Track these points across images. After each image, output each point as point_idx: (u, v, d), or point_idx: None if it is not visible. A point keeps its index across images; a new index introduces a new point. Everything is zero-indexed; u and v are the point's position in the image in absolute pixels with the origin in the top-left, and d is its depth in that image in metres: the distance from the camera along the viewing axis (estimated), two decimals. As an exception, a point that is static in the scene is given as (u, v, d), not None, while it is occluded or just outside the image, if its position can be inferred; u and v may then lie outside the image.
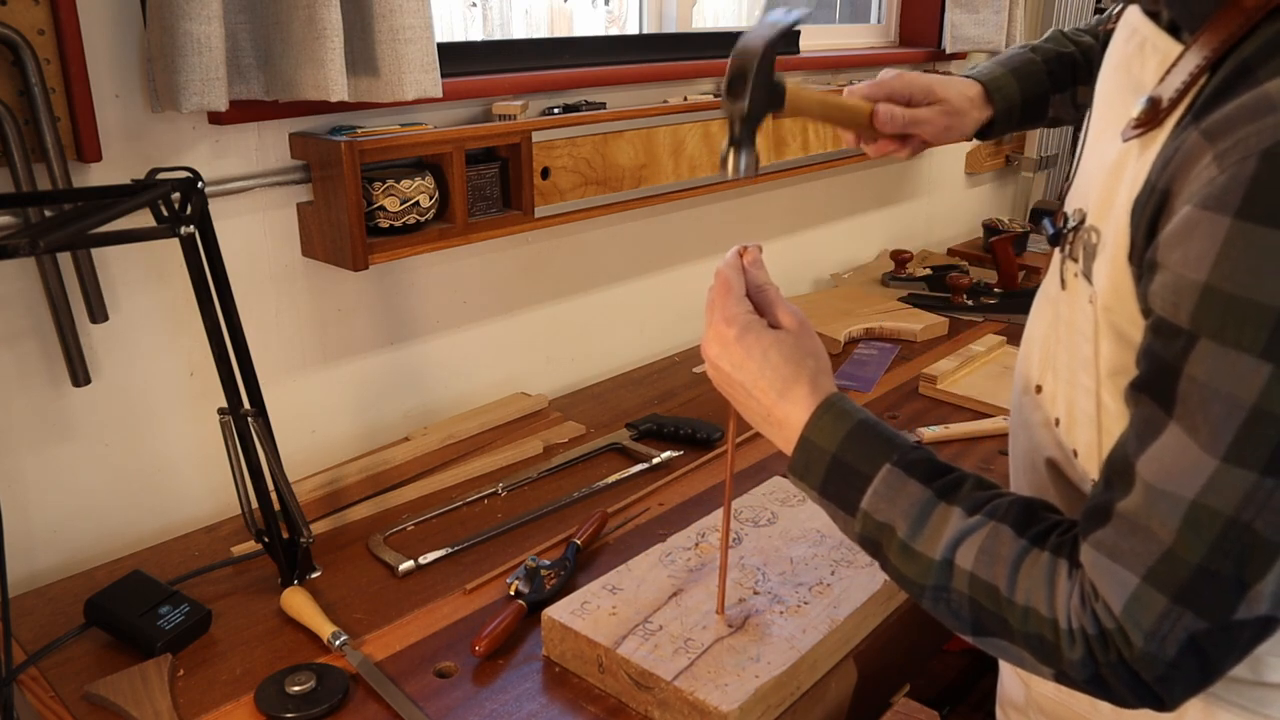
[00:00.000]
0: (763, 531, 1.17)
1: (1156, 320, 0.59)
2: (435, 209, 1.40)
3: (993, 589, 0.65)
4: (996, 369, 1.78)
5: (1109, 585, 0.60)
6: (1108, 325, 0.67)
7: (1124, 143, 0.64)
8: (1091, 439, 0.73)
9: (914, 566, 0.69)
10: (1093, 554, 0.61)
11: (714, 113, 1.75)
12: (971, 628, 0.67)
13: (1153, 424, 0.59)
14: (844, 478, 0.73)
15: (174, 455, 1.32)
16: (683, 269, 1.99)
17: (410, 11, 1.22)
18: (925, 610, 0.70)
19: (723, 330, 0.78)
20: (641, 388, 1.77)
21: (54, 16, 1.07)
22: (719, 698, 0.89)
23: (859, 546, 0.74)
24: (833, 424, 0.74)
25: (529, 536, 1.27)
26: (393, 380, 1.54)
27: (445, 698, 0.97)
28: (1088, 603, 0.61)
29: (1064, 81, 1.02)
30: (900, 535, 0.69)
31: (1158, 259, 0.58)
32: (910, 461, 0.71)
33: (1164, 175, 0.59)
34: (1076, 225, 0.71)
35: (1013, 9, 2.46)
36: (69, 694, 0.98)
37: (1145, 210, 0.60)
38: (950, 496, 0.69)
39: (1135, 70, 0.67)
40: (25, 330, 1.16)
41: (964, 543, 0.67)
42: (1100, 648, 0.60)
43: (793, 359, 0.77)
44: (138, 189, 0.94)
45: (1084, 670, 0.62)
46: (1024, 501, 0.68)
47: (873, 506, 0.71)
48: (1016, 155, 2.96)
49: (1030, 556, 0.64)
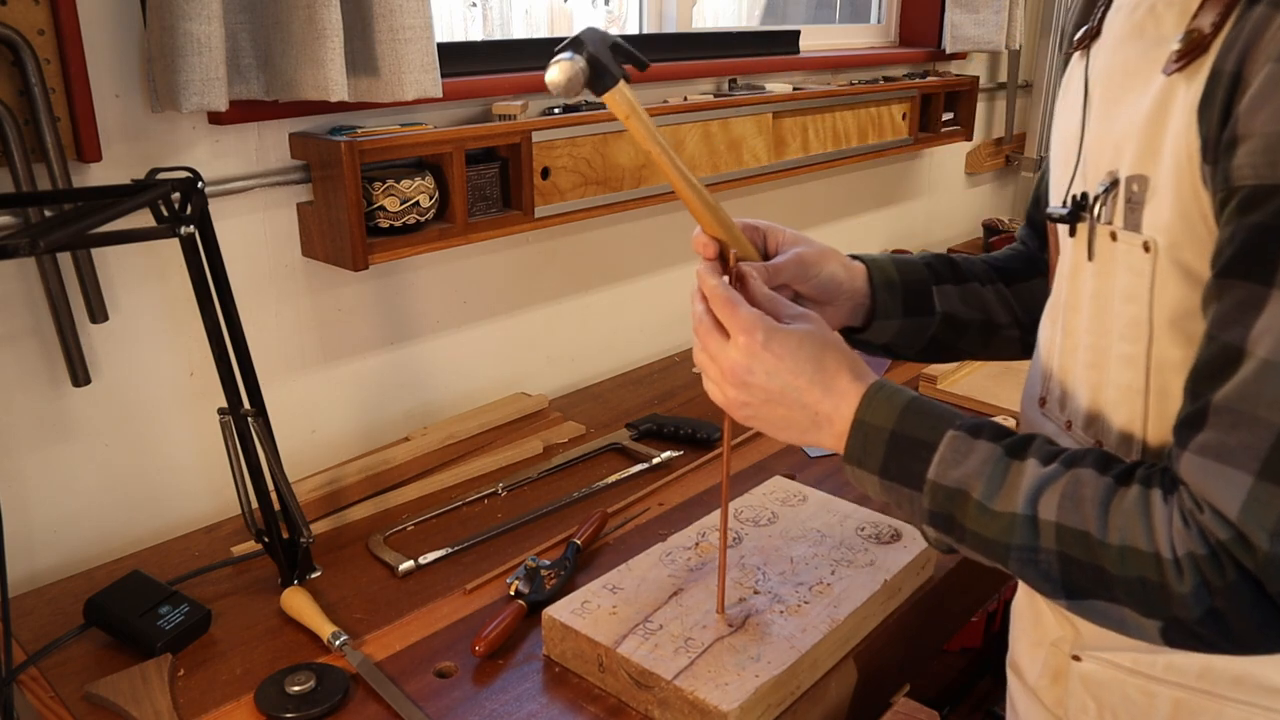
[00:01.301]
0: (763, 531, 1.17)
1: (1246, 194, 0.57)
2: (435, 209, 1.40)
3: (1083, 535, 0.62)
4: (997, 369, 1.78)
5: (1220, 490, 0.56)
6: (1172, 265, 0.65)
7: (1168, 77, 0.63)
8: (1133, 412, 0.70)
9: (995, 527, 0.66)
10: (1196, 461, 0.58)
11: (714, 113, 1.75)
12: (1064, 589, 0.64)
13: (1253, 301, 0.56)
14: (906, 450, 0.70)
15: (174, 455, 1.32)
16: (683, 269, 1.99)
17: (410, 11, 1.22)
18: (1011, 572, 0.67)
19: (745, 341, 0.74)
20: (641, 388, 1.77)
21: (54, 16, 1.07)
22: (719, 697, 0.89)
23: (929, 526, 0.71)
24: (887, 402, 0.72)
25: (529, 536, 1.27)
26: (393, 380, 1.54)
27: (445, 698, 0.97)
28: (1191, 521, 0.58)
29: (944, 275, 0.95)
30: (975, 496, 0.66)
31: (1238, 133, 0.57)
32: (974, 425, 0.69)
33: (1230, 58, 0.58)
34: (1107, 188, 0.69)
35: (1013, 9, 2.47)
36: (69, 694, 0.98)
37: (1215, 100, 0.59)
38: (1022, 452, 0.67)
39: (1150, 30, 0.67)
40: (25, 330, 1.16)
41: (1045, 492, 0.64)
42: (1213, 569, 0.57)
43: (825, 349, 0.75)
44: (138, 189, 0.94)
45: (1197, 605, 0.58)
46: (1099, 449, 0.66)
47: (940, 474, 0.68)
48: (1016, 155, 2.96)
49: (1119, 493, 0.62)
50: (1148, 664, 0.75)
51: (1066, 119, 0.79)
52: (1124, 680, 0.77)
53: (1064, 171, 0.78)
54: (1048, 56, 2.82)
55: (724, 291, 0.77)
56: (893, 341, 0.94)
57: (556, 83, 0.78)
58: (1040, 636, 0.84)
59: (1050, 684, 0.83)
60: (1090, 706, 0.80)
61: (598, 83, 0.80)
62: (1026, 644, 0.87)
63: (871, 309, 0.92)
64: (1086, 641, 0.79)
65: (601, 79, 0.80)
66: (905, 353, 0.96)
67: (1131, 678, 0.76)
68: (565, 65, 0.78)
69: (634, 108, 0.83)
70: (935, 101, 2.35)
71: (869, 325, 0.92)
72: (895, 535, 1.16)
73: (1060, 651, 0.82)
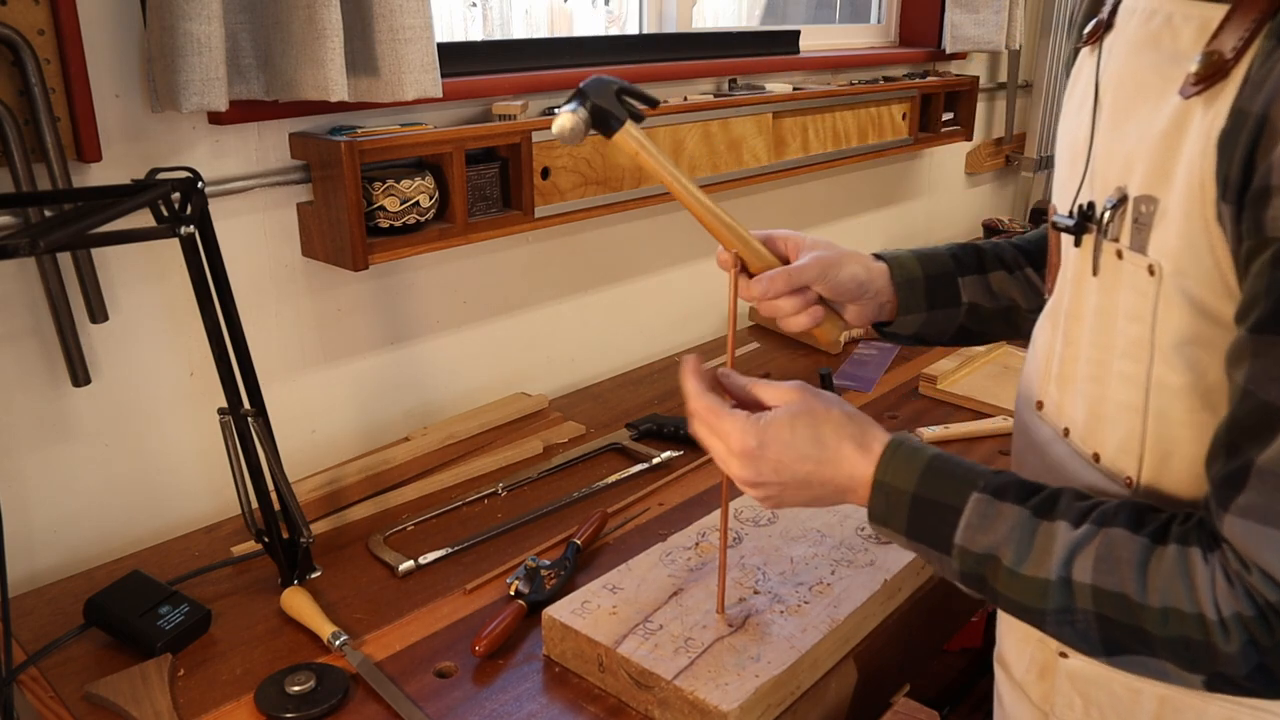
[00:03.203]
0: (763, 531, 1.17)
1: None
2: (435, 209, 1.40)
3: (1121, 598, 0.61)
4: (996, 369, 1.78)
5: (1268, 550, 0.56)
6: (1177, 292, 0.64)
7: (1185, 100, 0.62)
8: (1131, 430, 0.70)
9: (1029, 593, 0.65)
10: (1240, 524, 0.58)
11: (714, 113, 1.75)
12: (1103, 648, 0.64)
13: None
14: (931, 514, 0.70)
15: (174, 455, 1.32)
16: (683, 269, 1.99)
17: (410, 11, 1.22)
18: (1047, 633, 0.67)
19: (740, 449, 0.77)
20: (641, 388, 1.77)
21: (54, 16, 1.07)
22: (719, 697, 0.89)
23: (962, 586, 0.71)
24: (905, 463, 0.72)
25: (529, 536, 1.27)
26: (393, 380, 1.54)
27: (445, 698, 0.97)
28: (1237, 582, 0.58)
29: (969, 266, 0.97)
30: (1006, 563, 0.66)
31: (1272, 183, 0.56)
32: (999, 485, 0.69)
33: (1258, 100, 0.57)
34: (1116, 204, 0.68)
35: (1013, 9, 2.47)
36: (69, 694, 0.98)
37: (1238, 141, 0.58)
38: (1049, 513, 0.66)
39: (1167, 43, 0.66)
40: (25, 330, 1.16)
41: (1079, 555, 0.63)
42: (1262, 628, 0.57)
43: (818, 424, 0.76)
44: (138, 189, 0.94)
45: (1245, 663, 0.58)
46: (1132, 503, 0.65)
47: (968, 540, 0.68)
48: (1016, 155, 2.96)
49: (1156, 554, 0.61)
50: None
51: (1075, 119, 0.78)
52: (1110, 677, 0.77)
53: (1071, 174, 0.77)
54: (1048, 56, 2.82)
55: (704, 402, 0.80)
56: (920, 332, 0.97)
57: (561, 133, 0.85)
58: (1027, 632, 0.84)
59: (1037, 680, 0.84)
60: (1076, 702, 0.80)
61: (604, 128, 0.87)
62: (1014, 639, 0.88)
63: (896, 305, 0.94)
64: None
65: (606, 124, 0.86)
66: (935, 341, 0.99)
67: (1117, 675, 0.76)
68: (568, 116, 0.84)
69: (642, 144, 0.88)
70: (935, 101, 2.35)
71: (894, 319, 0.95)
72: (895, 535, 1.16)
73: (1047, 648, 0.82)
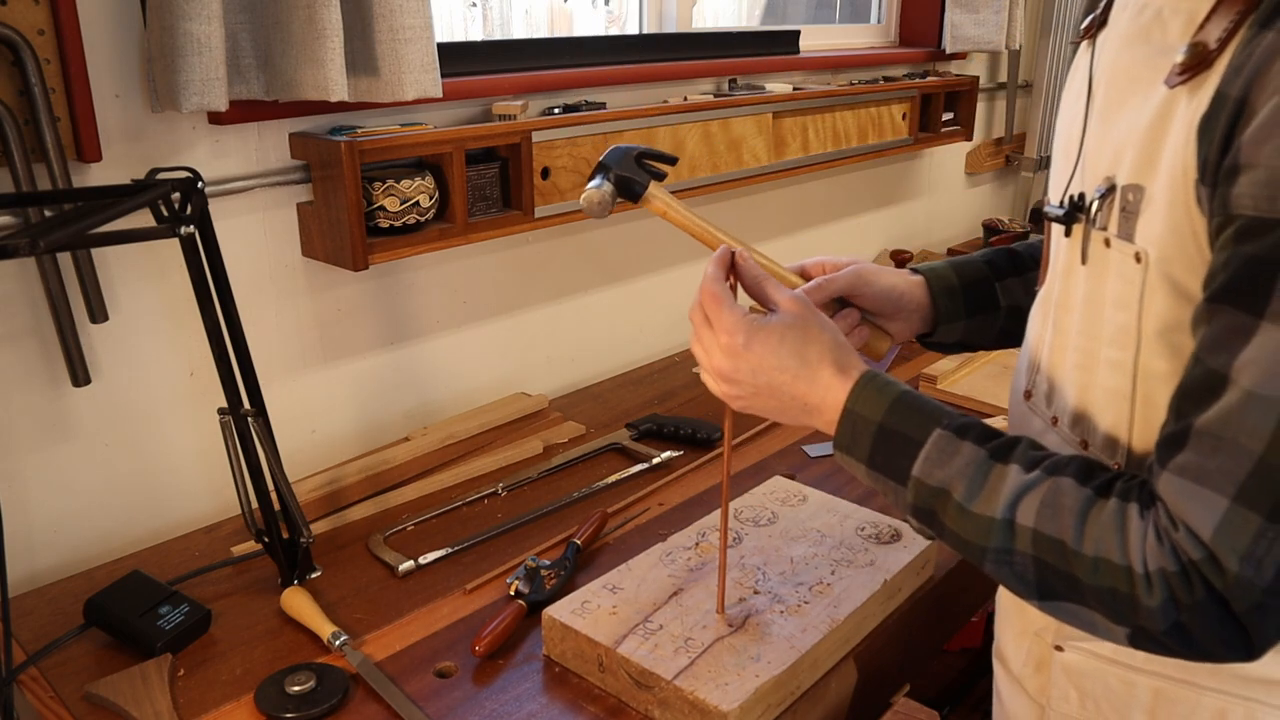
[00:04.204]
0: (763, 531, 1.17)
1: (1243, 224, 0.58)
2: (435, 209, 1.40)
3: (1058, 543, 0.63)
4: (996, 369, 1.78)
5: (1196, 511, 0.58)
6: (1161, 279, 0.66)
7: (1170, 89, 0.64)
8: (1119, 417, 0.71)
9: (973, 529, 0.68)
10: (1174, 481, 0.60)
11: (714, 113, 1.75)
12: (1037, 591, 0.66)
13: (1241, 330, 0.57)
14: (893, 445, 0.72)
15: (174, 455, 1.32)
16: (683, 269, 1.99)
17: (410, 11, 1.22)
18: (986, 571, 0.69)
19: (728, 342, 0.78)
20: (641, 388, 1.77)
21: (54, 16, 1.07)
22: (719, 697, 0.89)
23: (911, 517, 0.73)
24: (876, 394, 0.74)
25: (529, 536, 1.27)
26: (393, 380, 1.54)
27: (445, 698, 0.97)
28: (1165, 538, 0.59)
29: (1004, 270, 0.99)
30: (956, 497, 0.68)
31: (1240, 161, 0.58)
32: (961, 425, 0.71)
33: (1237, 84, 0.58)
34: (1104, 193, 0.70)
35: (1013, 9, 2.47)
36: (69, 694, 0.98)
37: (1218, 123, 0.60)
38: (1005, 457, 0.68)
39: (1156, 37, 0.67)
40: (25, 330, 1.16)
41: (1025, 498, 0.65)
42: (1183, 586, 0.58)
43: (807, 341, 0.77)
44: (138, 189, 0.94)
45: (1164, 618, 0.60)
46: (1083, 457, 0.67)
47: (925, 472, 0.70)
48: (1016, 155, 2.96)
49: (1096, 505, 0.63)
50: (1128, 654, 0.76)
51: (1070, 112, 0.79)
52: (1105, 670, 0.78)
53: (1065, 166, 0.79)
54: (1048, 56, 2.82)
55: (713, 288, 0.80)
56: (963, 339, 0.99)
57: (589, 208, 0.88)
58: (1024, 626, 0.86)
59: (1034, 673, 0.85)
60: (1072, 695, 0.81)
61: (630, 194, 0.90)
62: (1011, 634, 0.89)
63: (935, 315, 0.96)
64: (1068, 632, 0.80)
65: (631, 190, 0.90)
66: (979, 346, 1.01)
67: (1112, 667, 0.78)
68: (594, 193, 0.88)
69: (669, 203, 0.91)
70: (935, 101, 2.35)
71: (935, 330, 0.97)
72: (895, 535, 1.16)
73: (1043, 641, 0.83)
